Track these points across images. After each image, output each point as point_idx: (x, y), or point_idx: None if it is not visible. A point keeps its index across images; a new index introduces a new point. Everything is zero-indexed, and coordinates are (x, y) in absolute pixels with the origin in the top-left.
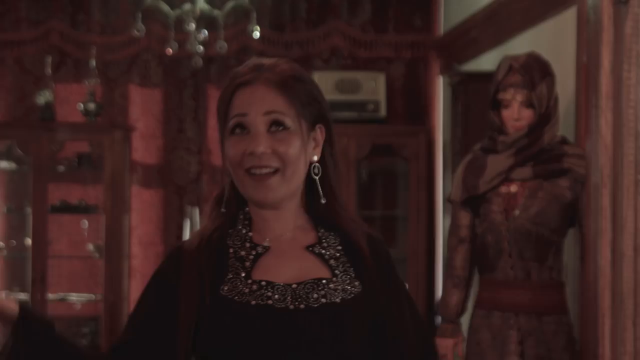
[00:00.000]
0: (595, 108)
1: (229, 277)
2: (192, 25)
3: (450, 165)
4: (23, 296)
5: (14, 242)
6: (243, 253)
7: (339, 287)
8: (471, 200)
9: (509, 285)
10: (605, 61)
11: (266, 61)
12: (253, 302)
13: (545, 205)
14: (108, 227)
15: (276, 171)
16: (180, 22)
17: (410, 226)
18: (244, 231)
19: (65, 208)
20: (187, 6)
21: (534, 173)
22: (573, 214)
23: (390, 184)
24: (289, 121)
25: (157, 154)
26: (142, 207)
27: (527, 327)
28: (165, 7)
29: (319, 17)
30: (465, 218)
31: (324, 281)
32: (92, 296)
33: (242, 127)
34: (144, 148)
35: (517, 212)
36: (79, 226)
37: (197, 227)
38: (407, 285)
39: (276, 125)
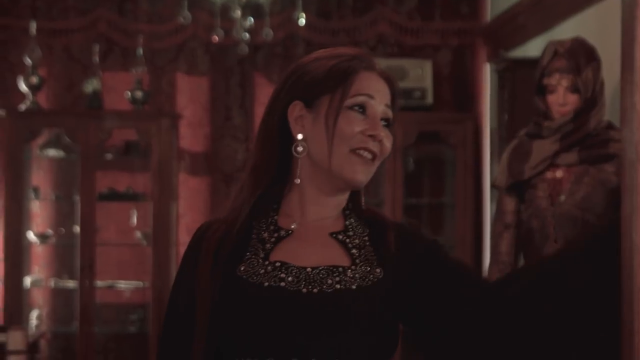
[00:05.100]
0: (630, 84)
1: (247, 257)
2: (238, 13)
3: (497, 152)
4: (72, 283)
5: (63, 229)
6: (265, 235)
7: (357, 275)
8: (516, 186)
9: None
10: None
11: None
12: (266, 284)
13: (590, 191)
14: (155, 214)
15: (373, 159)
16: (226, 10)
17: (458, 214)
18: (271, 213)
19: (113, 196)
20: None
21: (580, 158)
22: (619, 199)
23: (437, 171)
24: (392, 119)
25: (204, 141)
26: (190, 195)
27: None
28: None
29: (366, 5)
30: (510, 204)
31: (340, 269)
32: (140, 283)
33: (363, 108)
34: (191, 136)
35: (562, 197)
36: (127, 214)
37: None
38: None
39: (386, 120)
